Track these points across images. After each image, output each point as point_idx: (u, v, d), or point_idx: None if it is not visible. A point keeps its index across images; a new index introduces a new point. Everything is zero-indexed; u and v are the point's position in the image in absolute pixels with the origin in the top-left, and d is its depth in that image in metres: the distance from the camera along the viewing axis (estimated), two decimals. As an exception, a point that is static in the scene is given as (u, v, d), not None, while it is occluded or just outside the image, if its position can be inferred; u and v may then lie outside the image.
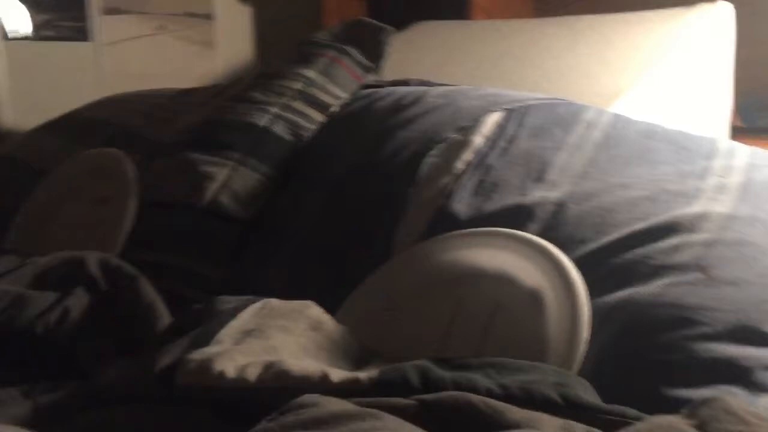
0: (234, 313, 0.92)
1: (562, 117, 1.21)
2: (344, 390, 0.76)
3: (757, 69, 1.78)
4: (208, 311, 0.95)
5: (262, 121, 1.31)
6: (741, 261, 0.94)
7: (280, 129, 1.31)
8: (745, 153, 1.15)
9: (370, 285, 1.05)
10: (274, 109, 1.33)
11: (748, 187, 1.06)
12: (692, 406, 0.52)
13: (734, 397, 0.72)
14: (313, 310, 0.96)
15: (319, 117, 1.35)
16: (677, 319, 0.88)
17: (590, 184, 1.08)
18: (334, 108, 1.37)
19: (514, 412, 0.68)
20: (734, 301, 0.89)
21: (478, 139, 1.18)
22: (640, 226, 0.99)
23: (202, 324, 0.92)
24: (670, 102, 1.59)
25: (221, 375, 0.79)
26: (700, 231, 0.97)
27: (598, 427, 0.66)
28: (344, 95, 1.39)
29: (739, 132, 1.72)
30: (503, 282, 0.96)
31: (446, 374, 0.78)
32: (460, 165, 1.15)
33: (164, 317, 1.01)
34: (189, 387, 0.80)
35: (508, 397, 0.74)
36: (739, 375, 0.85)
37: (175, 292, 1.12)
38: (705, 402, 0.52)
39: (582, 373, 0.85)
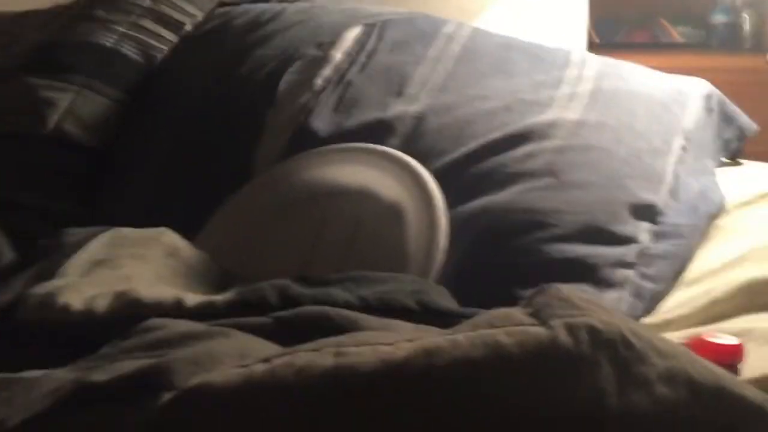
0: (81, 244, 0.87)
1: (422, 31, 1.20)
2: (200, 314, 0.74)
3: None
4: (53, 244, 0.90)
5: (108, 41, 1.22)
6: (589, 165, 0.98)
7: (128, 49, 1.22)
8: (596, 62, 1.19)
9: (231, 208, 1.02)
10: (121, 28, 1.24)
11: (597, 95, 1.09)
12: (529, 297, 0.54)
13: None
14: (169, 236, 0.92)
15: (171, 37, 1.27)
16: (530, 223, 0.91)
17: (449, 97, 1.08)
18: (188, 27, 1.29)
19: (370, 320, 0.68)
20: (583, 203, 0.93)
21: (338, 55, 1.15)
22: (496, 135, 1.01)
23: (47, 258, 0.86)
24: (529, 18, 1.61)
25: (66, 308, 0.74)
26: (552, 138, 1.00)
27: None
28: (198, 13, 1.31)
29: (595, 47, 1.77)
30: (364, 198, 0.96)
31: (305, 291, 0.77)
32: (319, 82, 1.12)
33: (6, 255, 0.94)
34: (33, 323, 0.76)
35: (366, 307, 0.74)
36: (587, 273, 0.89)
37: (29, 232, 1.05)
38: (539, 291, 0.54)
39: (443, 280, 0.87)
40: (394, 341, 0.49)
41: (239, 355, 0.53)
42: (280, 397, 0.47)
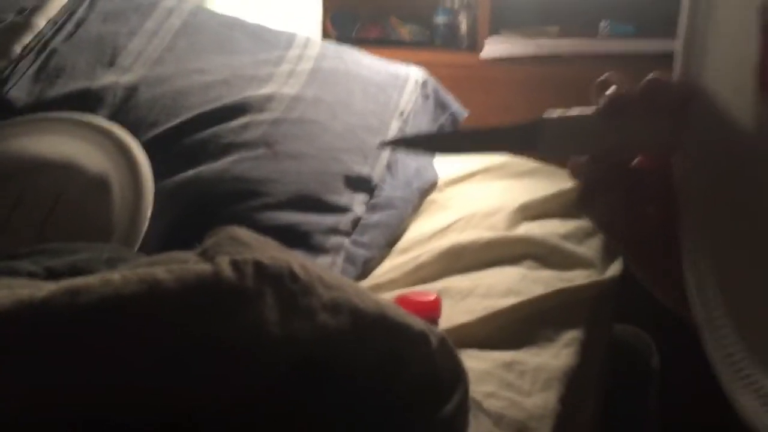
0: None
1: (139, 3, 1.15)
2: None
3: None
4: None
5: None
6: (303, 137, 1.00)
7: None
8: (318, 45, 1.22)
9: None
10: None
11: (316, 74, 1.12)
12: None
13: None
14: None
15: None
16: (242, 192, 0.90)
17: (165, 69, 1.05)
18: None
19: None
20: (296, 173, 0.95)
21: (41, 22, 1.06)
22: (211, 107, 0.99)
23: None
24: (263, 11, 1.62)
25: None
26: (269, 111, 1.01)
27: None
28: None
29: (332, 42, 1.83)
30: (67, 170, 0.89)
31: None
32: (18, 49, 1.02)
33: None
34: None
35: (54, 276, 0.68)
36: (300, 239, 0.91)
37: None
38: (212, 233, 0.53)
39: (151, 249, 0.84)
40: (46, 287, 0.45)
41: None
42: None
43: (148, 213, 0.85)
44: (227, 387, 0.47)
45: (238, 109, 0.99)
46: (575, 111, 0.39)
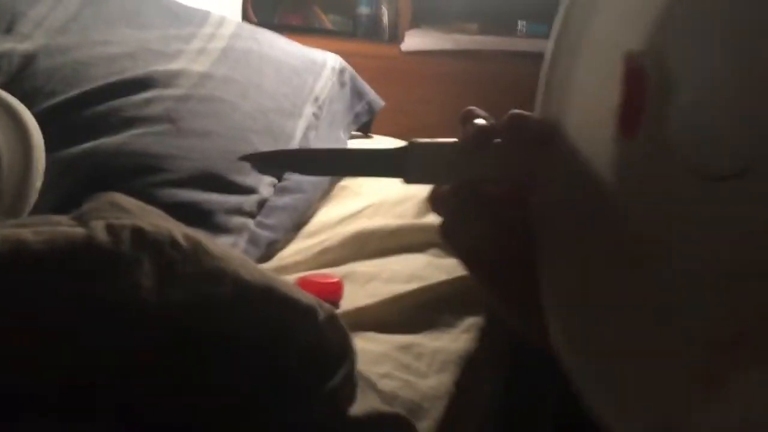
0: None
1: (44, -30, 1.10)
2: None
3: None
4: None
5: None
6: (211, 115, 0.98)
7: None
8: (233, 25, 1.20)
9: None
10: None
11: (228, 53, 1.10)
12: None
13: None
14: None
15: None
16: (142, 167, 0.88)
17: (69, 39, 1.01)
18: None
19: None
20: (201, 150, 0.93)
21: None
22: (114, 79, 0.96)
23: None
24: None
25: None
26: (175, 87, 0.98)
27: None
28: None
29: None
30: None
31: None
32: None
33: None
34: None
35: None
36: (201, 218, 0.89)
37: None
38: (92, 197, 0.51)
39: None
40: None
41: None
42: None
43: (38, 184, 0.81)
44: (101, 353, 0.45)
45: (143, 83, 0.96)
46: (441, 141, 0.39)
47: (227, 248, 0.54)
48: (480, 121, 0.38)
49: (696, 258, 0.31)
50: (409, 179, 0.39)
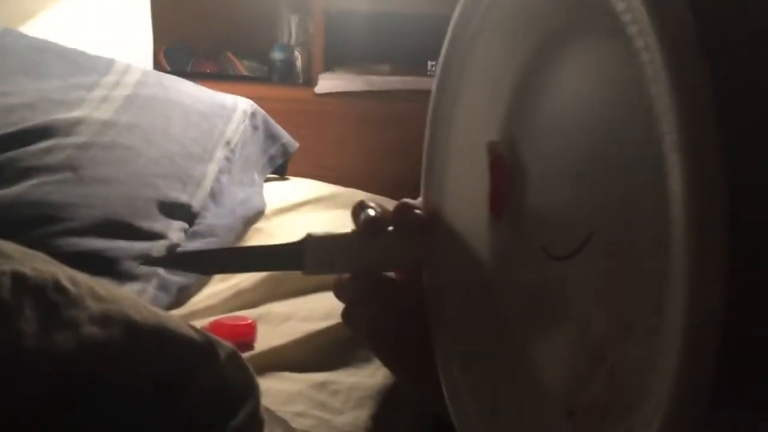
0: None
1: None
2: None
3: (177, 16, 1.88)
4: None
5: None
6: (114, 162, 0.96)
7: None
8: (138, 71, 1.19)
9: None
10: None
11: (132, 99, 1.09)
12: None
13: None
14: None
15: None
16: (41, 217, 0.85)
17: (-36, 92, 0.98)
18: None
19: None
20: (102, 197, 0.91)
21: None
22: (11, 130, 0.94)
23: None
24: (91, 41, 1.55)
25: None
26: (76, 135, 0.97)
27: None
28: None
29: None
30: None
31: None
32: None
33: None
34: None
35: None
36: (106, 265, 0.87)
37: None
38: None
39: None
40: None
41: None
42: None
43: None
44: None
45: (42, 132, 0.95)
46: (336, 233, 0.41)
47: (119, 290, 0.53)
48: (371, 212, 0.40)
49: (557, 332, 0.33)
50: (307, 271, 0.40)
